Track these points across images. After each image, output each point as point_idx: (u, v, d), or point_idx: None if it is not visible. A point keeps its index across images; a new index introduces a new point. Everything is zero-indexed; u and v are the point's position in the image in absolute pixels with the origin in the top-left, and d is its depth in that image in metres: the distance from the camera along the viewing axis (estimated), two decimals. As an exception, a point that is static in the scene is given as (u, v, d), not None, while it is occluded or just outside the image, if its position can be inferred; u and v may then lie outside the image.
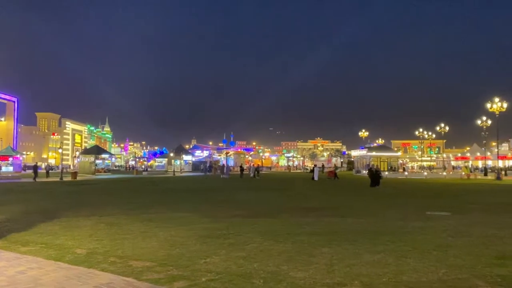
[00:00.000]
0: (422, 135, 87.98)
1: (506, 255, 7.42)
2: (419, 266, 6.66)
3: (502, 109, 46.16)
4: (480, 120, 57.57)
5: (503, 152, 76.40)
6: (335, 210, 14.97)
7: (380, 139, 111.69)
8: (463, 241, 8.80)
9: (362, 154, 69.64)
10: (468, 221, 12.08)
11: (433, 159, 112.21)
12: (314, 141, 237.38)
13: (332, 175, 44.65)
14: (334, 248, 8.08)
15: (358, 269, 6.53)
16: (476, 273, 6.27)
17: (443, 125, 74.50)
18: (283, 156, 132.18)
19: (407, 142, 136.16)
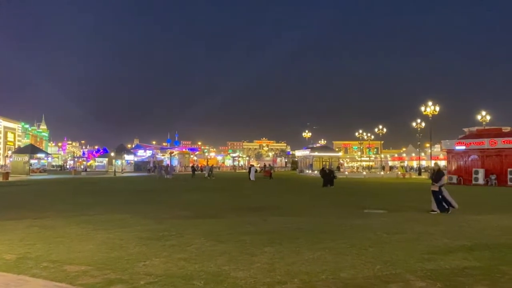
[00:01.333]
0: (362, 136, 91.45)
1: (435, 251, 7.87)
2: (357, 263, 6.90)
3: (434, 112, 48.94)
4: (415, 123, 60.79)
5: (436, 152, 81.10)
6: (279, 210, 15.17)
7: (323, 139, 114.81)
8: (397, 238, 9.24)
9: (306, 154, 71.25)
10: (402, 218, 12.70)
11: (371, 159, 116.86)
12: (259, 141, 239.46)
13: (268, 174, 45.30)
14: (276, 247, 8.17)
15: (298, 267, 6.65)
16: (408, 268, 6.59)
17: (381, 126, 77.83)
18: (229, 156, 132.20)
19: (347, 143, 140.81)
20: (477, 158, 35.19)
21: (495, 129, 39.03)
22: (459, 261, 7.01)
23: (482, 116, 51.89)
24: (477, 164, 35.03)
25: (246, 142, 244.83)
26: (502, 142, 33.72)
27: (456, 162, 37.18)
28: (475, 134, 38.05)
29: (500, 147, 33.71)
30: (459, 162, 36.81)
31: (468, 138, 37.16)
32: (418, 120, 59.58)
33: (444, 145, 40.05)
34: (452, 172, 37.11)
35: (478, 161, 35.04)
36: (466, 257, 7.34)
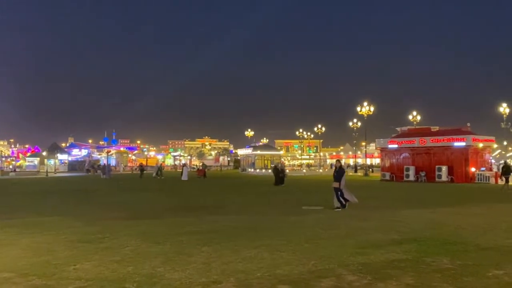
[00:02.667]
0: (302, 135, 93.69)
1: (367, 245, 8.18)
2: (292, 259, 7.01)
3: (369, 112, 51.12)
4: (352, 122, 63.16)
5: (371, 151, 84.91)
6: (219, 209, 15.11)
7: (265, 138, 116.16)
8: (332, 233, 9.51)
9: (248, 152, 71.65)
10: (338, 214, 13.13)
11: (311, 157, 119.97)
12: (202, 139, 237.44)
13: (201, 173, 44.32)
14: (213, 246, 8.11)
15: (234, 265, 6.64)
16: (341, 262, 6.80)
17: (320, 126, 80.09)
18: (170, 155, 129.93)
19: (289, 142, 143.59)
20: (408, 156, 37.19)
21: (425, 128, 41.51)
22: (388, 254, 7.33)
23: (413, 116, 54.93)
24: (408, 161, 37.00)
25: (188, 140, 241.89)
26: (431, 141, 35.87)
27: (389, 160, 39.03)
28: (407, 133, 40.21)
29: (429, 145, 35.84)
30: (392, 160, 38.68)
31: (400, 137, 39.16)
32: (355, 120, 61.97)
33: (378, 144, 41.97)
34: (386, 169, 38.93)
35: (409, 159, 37.03)
36: (395, 250, 7.70)
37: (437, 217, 12.39)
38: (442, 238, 8.86)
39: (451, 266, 6.49)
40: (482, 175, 33.34)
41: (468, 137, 34.01)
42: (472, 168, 33.80)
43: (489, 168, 35.87)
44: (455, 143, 34.32)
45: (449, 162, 34.23)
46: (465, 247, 7.96)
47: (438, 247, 7.92)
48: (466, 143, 33.82)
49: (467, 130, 35.99)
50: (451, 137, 34.86)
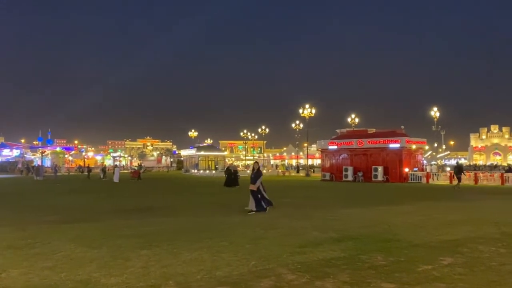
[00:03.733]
0: (246, 136, 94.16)
1: (306, 244, 8.35)
2: (233, 260, 7.00)
3: (311, 114, 52.46)
4: (294, 124, 64.41)
5: (312, 152, 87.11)
6: (160, 211, 14.79)
7: (209, 139, 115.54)
8: (272, 233, 9.62)
9: (192, 153, 70.82)
10: (279, 214, 13.30)
11: (255, 158, 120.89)
12: (143, 140, 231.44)
13: (136, 175, 42.42)
14: (153, 249, 7.92)
15: (174, 268, 6.52)
16: (281, 262, 6.89)
17: (264, 127, 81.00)
18: (109, 155, 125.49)
19: (233, 143, 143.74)
20: (347, 157, 38.54)
21: (362, 130, 43.26)
22: (326, 253, 7.53)
23: (351, 118, 56.99)
24: (347, 162, 38.35)
25: (129, 141, 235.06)
26: (368, 142, 37.43)
27: (329, 161, 40.24)
28: (346, 135, 41.69)
29: (366, 147, 37.37)
30: (331, 161, 39.90)
31: (339, 139, 40.51)
32: (297, 122, 63.26)
33: (319, 145, 43.13)
34: (326, 170, 40.10)
35: (348, 160, 38.40)
36: (333, 248, 7.92)
37: (373, 216, 12.92)
38: (377, 236, 9.25)
39: (384, 263, 6.78)
40: (414, 175, 35.27)
41: (402, 139, 35.83)
42: (406, 168, 35.65)
43: (421, 169, 37.99)
44: (390, 144, 36.03)
45: (384, 162, 35.88)
46: (398, 244, 8.36)
47: (373, 245, 8.25)
48: (400, 144, 35.61)
49: (401, 133, 37.92)
50: (386, 139, 36.56)
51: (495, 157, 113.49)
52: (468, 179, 33.01)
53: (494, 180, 31.57)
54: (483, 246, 8.07)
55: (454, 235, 9.33)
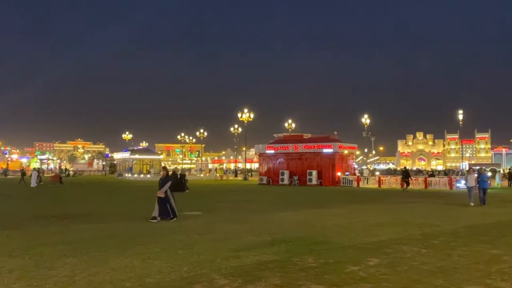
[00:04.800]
0: (184, 139, 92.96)
1: (240, 248, 8.38)
2: (164, 267, 6.85)
3: (249, 119, 52.86)
4: (233, 127, 64.62)
5: (251, 156, 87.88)
6: (87, 217, 14.10)
7: (144, 142, 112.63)
8: (207, 238, 9.55)
9: (125, 156, 68.54)
10: (215, 218, 13.23)
11: (193, 162, 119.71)
12: (74, 142, 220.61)
13: (56, 179, 39.83)
14: (80, 257, 7.54)
15: (102, 276, 6.25)
16: (214, 267, 6.84)
17: (202, 130, 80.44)
18: (36, 158, 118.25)
19: (170, 146, 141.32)
20: (284, 161, 39.27)
21: (298, 135, 44.25)
22: (260, 256, 7.59)
23: (288, 124, 58.19)
24: (283, 166, 39.06)
25: (58, 143, 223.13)
26: (303, 147, 38.40)
27: (266, 165, 40.76)
28: (282, 139, 42.43)
29: (301, 151, 38.31)
30: (269, 165, 40.45)
31: (277, 143, 41.18)
32: (236, 126, 63.52)
33: (257, 149, 43.57)
34: (263, 174, 40.56)
35: (284, 164, 39.13)
36: (266, 252, 8.01)
37: (306, 218, 13.24)
38: (309, 238, 9.49)
39: (315, 265, 6.96)
40: (346, 179, 36.67)
41: (335, 144, 37.16)
42: (338, 172, 36.98)
43: (353, 173, 39.60)
44: (324, 149, 37.22)
45: (318, 167, 36.98)
46: (328, 246, 8.63)
47: (305, 247, 8.45)
48: (333, 149, 36.89)
49: (334, 138, 39.30)
50: (320, 144, 37.74)
51: (420, 162, 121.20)
52: (394, 182, 34.96)
53: (419, 184, 33.61)
54: (406, 246, 8.55)
55: (380, 236, 9.80)
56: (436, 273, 6.44)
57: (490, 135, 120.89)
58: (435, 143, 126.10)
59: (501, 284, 5.86)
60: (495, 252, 8.00)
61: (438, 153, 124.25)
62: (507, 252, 7.98)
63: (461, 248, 8.43)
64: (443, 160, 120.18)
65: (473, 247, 8.48)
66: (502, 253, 7.90)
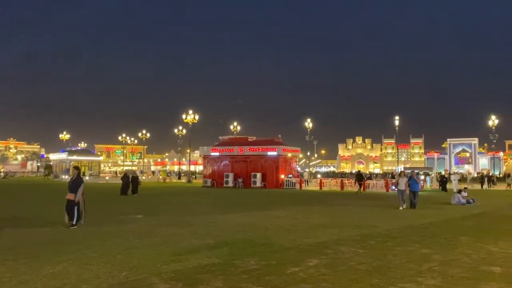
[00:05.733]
0: (125, 140, 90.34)
1: (182, 252, 8.26)
2: (102, 272, 6.59)
3: (194, 120, 52.38)
4: (177, 129, 63.68)
5: (195, 158, 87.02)
6: (21, 221, 13.29)
7: (83, 142, 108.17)
8: (148, 242, 9.32)
9: (62, 158, 65.36)
10: (157, 222, 12.95)
11: (135, 164, 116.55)
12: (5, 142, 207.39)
13: None
14: (8, 264, 7.08)
15: (33, 284, 5.91)
16: (155, 271, 6.69)
17: (144, 131, 78.57)
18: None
19: (110, 147, 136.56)
20: (228, 163, 39.27)
21: (243, 138, 44.45)
22: (202, 260, 7.52)
23: (234, 126, 58.32)
24: (228, 168, 39.05)
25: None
26: (248, 149, 38.63)
27: (211, 167, 40.55)
28: (228, 142, 42.43)
29: (246, 154, 38.51)
30: (213, 167, 40.27)
31: (222, 145, 41.08)
32: (180, 127, 62.68)
33: (201, 151, 43.17)
34: (207, 176, 40.32)
35: (229, 166, 39.14)
36: (208, 255, 7.95)
37: (249, 221, 13.30)
38: (252, 241, 9.54)
39: (257, 267, 7.01)
40: (289, 181, 37.34)
41: (279, 147, 37.73)
42: (282, 175, 37.58)
43: (296, 175, 40.39)
44: (268, 152, 37.67)
45: (263, 169, 37.37)
46: (270, 247, 8.73)
47: (248, 249, 8.49)
48: (277, 152, 37.44)
49: (278, 141, 39.90)
50: (265, 147, 38.16)
51: (359, 166, 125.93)
52: (335, 185, 36.11)
53: (357, 186, 34.91)
54: (345, 247, 8.84)
55: (321, 237, 10.06)
56: (372, 273, 6.71)
57: (423, 140, 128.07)
58: (373, 147, 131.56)
59: (431, 282, 6.21)
60: (425, 252, 8.47)
61: (376, 157, 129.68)
62: (437, 251, 8.48)
63: (395, 248, 8.85)
64: (381, 164, 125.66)
65: (406, 247, 8.94)
66: (432, 252, 8.38)
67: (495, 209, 18.29)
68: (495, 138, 55.21)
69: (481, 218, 14.80)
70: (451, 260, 7.71)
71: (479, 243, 9.46)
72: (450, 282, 6.18)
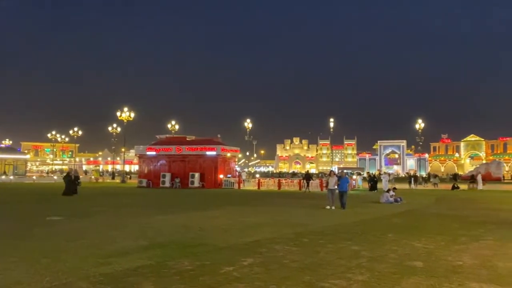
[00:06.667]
0: (55, 138, 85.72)
1: (113, 254, 7.95)
2: (24, 277, 6.18)
3: (129, 118, 50.78)
4: (111, 127, 61.45)
5: (130, 157, 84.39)
6: None
7: (8, 140, 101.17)
8: (77, 245, 8.87)
9: (-17, 156, 60.74)
10: (87, 224, 12.40)
11: (65, 162, 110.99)
12: None
13: None
14: None
15: None
16: (82, 275, 6.37)
17: (76, 129, 75.05)
18: None
19: (39, 145, 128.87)
20: (165, 163, 38.50)
21: (181, 137, 43.83)
22: (133, 262, 7.28)
23: (172, 125, 57.35)
24: (165, 168, 38.28)
25: None
26: (186, 149, 38.12)
27: (147, 167, 39.52)
28: (165, 141, 41.59)
29: (184, 153, 37.98)
30: (150, 167, 39.28)
31: (158, 145, 40.20)
32: (114, 125, 60.54)
33: (137, 151, 41.96)
34: (143, 176, 39.25)
35: (166, 166, 38.39)
36: (140, 257, 7.72)
37: (185, 221, 13.11)
38: (186, 241, 9.40)
39: (190, 268, 6.91)
40: (228, 181, 37.36)
41: (218, 147, 37.61)
42: (221, 175, 37.49)
43: (235, 175, 40.50)
44: (207, 152, 37.43)
45: (201, 169, 37.06)
46: (205, 248, 8.65)
47: (182, 250, 8.35)
48: (216, 152, 37.29)
49: (217, 141, 39.78)
50: (204, 147, 37.87)
51: (296, 166, 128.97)
52: (272, 184, 36.67)
53: (294, 185, 35.73)
54: (279, 245, 8.97)
55: (256, 236, 10.14)
56: (304, 270, 6.86)
57: (356, 141, 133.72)
58: (310, 148, 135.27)
59: (359, 277, 6.46)
60: (355, 248, 8.81)
61: (312, 157, 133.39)
62: (366, 248, 8.85)
63: (327, 245, 9.13)
64: (316, 164, 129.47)
65: (338, 244, 9.25)
66: (362, 249, 8.74)
67: (420, 207, 19.46)
68: (421, 141, 58.95)
69: (407, 216, 15.67)
70: (379, 256, 8.08)
71: (405, 239, 10.00)
72: (377, 277, 6.47)
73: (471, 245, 9.38)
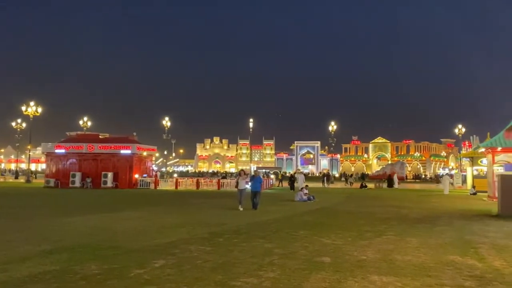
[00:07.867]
0: None
1: (11, 260, 7.34)
2: None
3: (36, 113, 47.19)
4: (15, 122, 56.67)
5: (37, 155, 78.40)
6: None
7: None
8: (-32, 251, 8.04)
9: None
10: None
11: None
12: None
13: None
14: None
15: None
16: (-27, 285, 5.79)
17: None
18: None
19: None
20: (76, 162, 36.33)
21: (94, 134, 41.66)
22: (34, 267, 6.78)
23: (84, 121, 54.34)
24: (75, 167, 36.12)
25: None
26: (99, 147, 36.29)
27: (55, 165, 36.97)
28: (75, 138, 39.26)
29: (97, 152, 36.13)
30: (58, 165, 36.80)
31: (68, 142, 37.83)
32: (19, 120, 55.94)
33: (44, 148, 39.11)
34: (51, 175, 36.65)
35: (77, 165, 36.24)
36: (43, 262, 7.21)
37: (96, 223, 12.49)
38: (95, 244, 8.95)
39: (98, 272, 6.58)
40: (144, 181, 36.23)
41: (133, 146, 36.31)
42: (136, 174, 36.25)
43: (151, 175, 39.39)
44: (122, 150, 35.97)
45: (115, 168, 35.53)
46: (116, 251, 8.29)
47: (90, 254, 7.94)
48: (131, 151, 35.98)
49: (133, 139, 38.42)
50: (118, 145, 36.32)
51: (216, 165, 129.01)
52: (191, 184, 36.30)
53: (213, 185, 35.68)
54: (194, 246, 8.89)
55: (170, 237, 9.95)
56: (217, 269, 6.87)
57: (274, 142, 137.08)
58: (230, 147, 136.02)
59: (271, 274, 6.62)
60: (268, 246, 9.02)
61: (232, 156, 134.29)
62: (278, 245, 9.10)
63: (241, 244, 9.23)
64: (236, 163, 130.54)
65: (251, 242, 9.40)
66: (274, 246, 8.97)
67: (331, 205, 20.45)
68: (334, 142, 61.95)
69: (319, 214, 16.38)
70: (290, 253, 8.34)
71: (315, 236, 10.44)
72: (287, 274, 6.67)
73: (374, 240, 10.05)
